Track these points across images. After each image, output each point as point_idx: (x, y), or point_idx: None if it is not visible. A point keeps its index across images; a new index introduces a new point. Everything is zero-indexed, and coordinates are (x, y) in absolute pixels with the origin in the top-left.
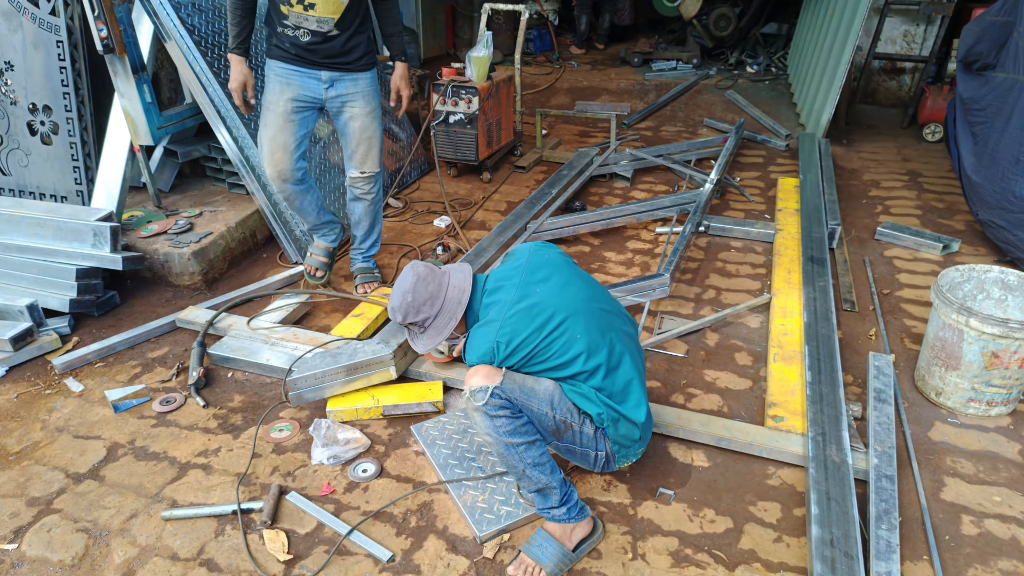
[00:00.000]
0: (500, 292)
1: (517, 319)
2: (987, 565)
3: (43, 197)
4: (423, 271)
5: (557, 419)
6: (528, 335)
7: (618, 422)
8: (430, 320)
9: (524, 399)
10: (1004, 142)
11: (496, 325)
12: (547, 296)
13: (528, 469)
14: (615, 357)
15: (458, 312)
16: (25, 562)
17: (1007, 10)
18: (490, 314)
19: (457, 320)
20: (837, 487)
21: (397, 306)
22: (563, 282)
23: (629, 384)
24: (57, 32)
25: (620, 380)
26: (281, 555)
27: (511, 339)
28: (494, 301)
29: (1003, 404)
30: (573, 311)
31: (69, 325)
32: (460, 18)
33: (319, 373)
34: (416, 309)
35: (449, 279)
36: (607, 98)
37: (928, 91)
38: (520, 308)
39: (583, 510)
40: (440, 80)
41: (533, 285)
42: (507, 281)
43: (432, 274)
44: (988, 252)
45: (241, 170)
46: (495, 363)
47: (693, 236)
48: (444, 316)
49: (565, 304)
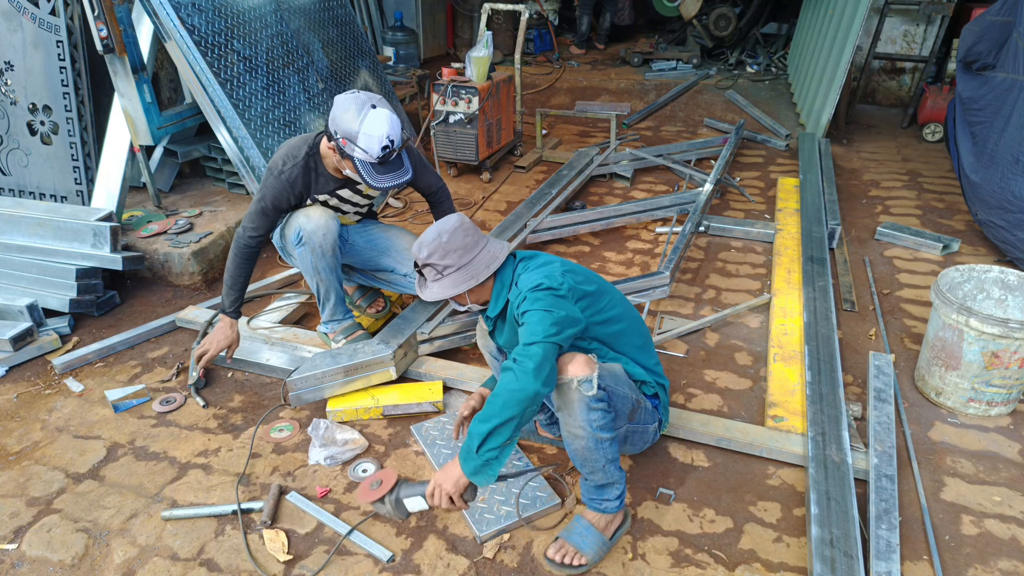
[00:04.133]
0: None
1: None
2: (987, 565)
3: (43, 197)
4: (468, 224)
5: (633, 398)
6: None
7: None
8: (452, 270)
9: (613, 384)
10: (1004, 142)
11: (556, 264)
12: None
13: (608, 464)
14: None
15: (481, 275)
16: (25, 562)
17: (1007, 10)
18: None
19: (477, 281)
20: (837, 487)
21: (427, 241)
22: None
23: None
24: (57, 32)
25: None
26: (281, 555)
27: (573, 279)
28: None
29: (1003, 404)
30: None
31: (69, 325)
32: (460, 18)
33: (319, 374)
34: (444, 251)
35: (487, 244)
36: (607, 98)
37: (928, 91)
38: (570, 267)
39: (620, 503)
40: (440, 80)
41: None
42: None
43: (475, 231)
44: (988, 252)
45: (241, 170)
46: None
47: (693, 236)
48: (466, 272)
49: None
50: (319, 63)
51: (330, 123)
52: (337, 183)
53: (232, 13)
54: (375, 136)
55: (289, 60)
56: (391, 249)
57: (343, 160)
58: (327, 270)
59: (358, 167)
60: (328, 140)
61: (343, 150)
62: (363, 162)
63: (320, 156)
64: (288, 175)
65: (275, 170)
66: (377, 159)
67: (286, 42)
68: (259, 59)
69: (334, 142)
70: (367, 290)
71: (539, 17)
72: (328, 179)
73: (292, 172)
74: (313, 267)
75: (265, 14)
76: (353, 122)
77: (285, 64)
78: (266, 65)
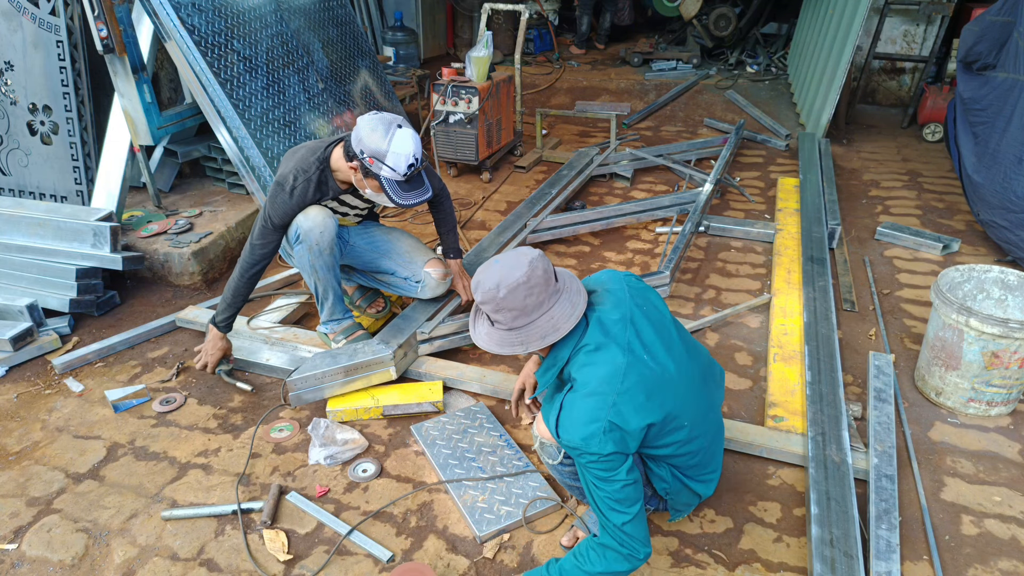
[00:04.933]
0: (603, 351)
1: (633, 397)
2: (987, 565)
3: (43, 197)
4: (536, 278)
5: None
6: (640, 427)
7: (681, 492)
8: (502, 327)
9: None
10: (1005, 142)
11: (609, 400)
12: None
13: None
14: (706, 439)
15: (532, 345)
16: (25, 562)
17: (1007, 10)
18: (591, 380)
19: (525, 350)
20: (837, 487)
21: (485, 287)
22: (668, 342)
23: (711, 463)
24: (57, 32)
25: (703, 460)
26: (281, 555)
27: (625, 427)
28: (593, 361)
29: (1003, 404)
30: (685, 393)
31: (69, 325)
32: (460, 18)
33: (319, 374)
34: (497, 306)
35: (554, 306)
36: (607, 98)
37: (928, 91)
38: (634, 382)
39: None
40: (440, 80)
41: (644, 352)
42: (610, 338)
43: (542, 288)
44: (988, 252)
45: (241, 170)
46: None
47: (693, 236)
48: (518, 335)
49: (679, 387)
50: (319, 63)
51: (355, 143)
52: (342, 190)
53: (232, 13)
54: (402, 155)
55: (289, 60)
56: (392, 252)
57: (367, 178)
58: (325, 269)
59: (384, 185)
60: (348, 159)
61: (369, 169)
62: (389, 180)
63: (331, 169)
64: (300, 192)
65: (286, 186)
66: (404, 177)
67: (286, 42)
68: (259, 59)
69: (358, 161)
70: (367, 290)
71: (539, 17)
72: (335, 188)
73: (304, 188)
74: (311, 265)
75: (265, 14)
76: (382, 142)
77: (285, 64)
78: (266, 65)
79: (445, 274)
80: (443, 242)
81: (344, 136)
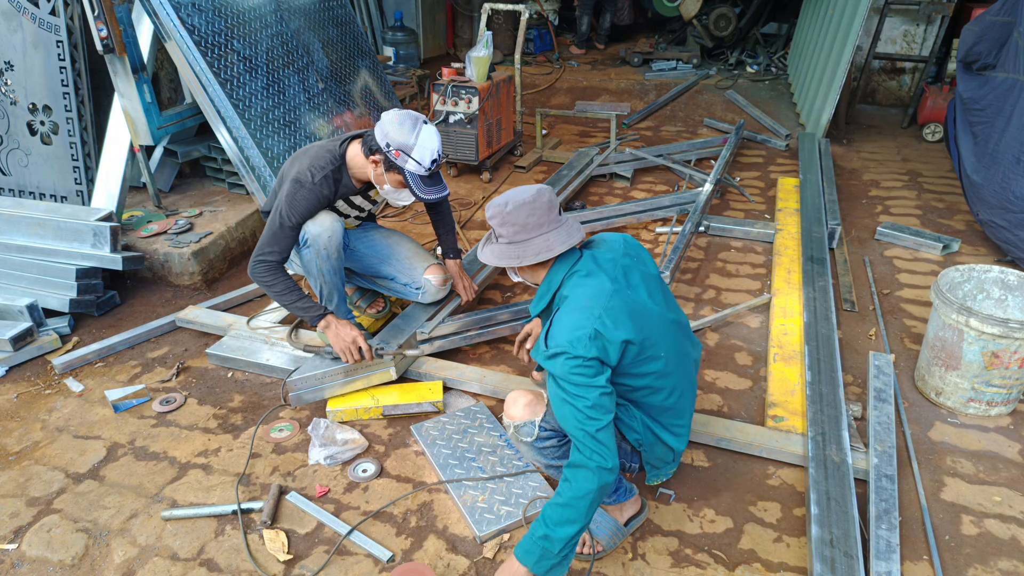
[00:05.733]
0: (594, 277)
1: (616, 315)
2: (987, 565)
3: (43, 197)
4: (543, 202)
5: None
6: (622, 340)
7: (655, 446)
8: (503, 241)
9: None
10: (1005, 142)
11: (595, 312)
12: (641, 303)
13: None
14: (680, 384)
15: (525, 260)
16: (25, 562)
17: (1007, 10)
18: (580, 297)
19: (520, 263)
20: (837, 487)
21: (496, 203)
22: (653, 290)
23: (682, 412)
24: (57, 32)
25: (676, 407)
26: (281, 555)
27: (608, 336)
28: (586, 284)
29: (1003, 404)
30: (662, 329)
31: (69, 325)
32: (460, 18)
33: (319, 374)
34: (502, 220)
35: (553, 230)
36: (607, 98)
37: (928, 91)
38: (618, 304)
39: (630, 491)
40: (440, 80)
41: (628, 288)
42: (601, 267)
43: (546, 212)
44: (988, 252)
45: (241, 170)
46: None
47: (693, 236)
48: (515, 250)
49: (656, 321)
50: (319, 63)
51: (380, 136)
52: (354, 190)
53: (232, 13)
54: (428, 149)
55: (289, 60)
56: (392, 257)
57: (389, 172)
58: (331, 272)
59: (408, 178)
60: (370, 152)
61: (394, 162)
62: (413, 174)
63: (347, 166)
64: (319, 187)
65: (305, 183)
66: (427, 171)
67: (286, 42)
68: (259, 59)
69: (382, 154)
70: (366, 290)
71: (539, 17)
72: (348, 187)
73: (323, 183)
74: (318, 268)
75: (265, 14)
76: (409, 136)
77: (285, 64)
78: (266, 65)
79: (445, 280)
80: (442, 243)
81: (358, 134)
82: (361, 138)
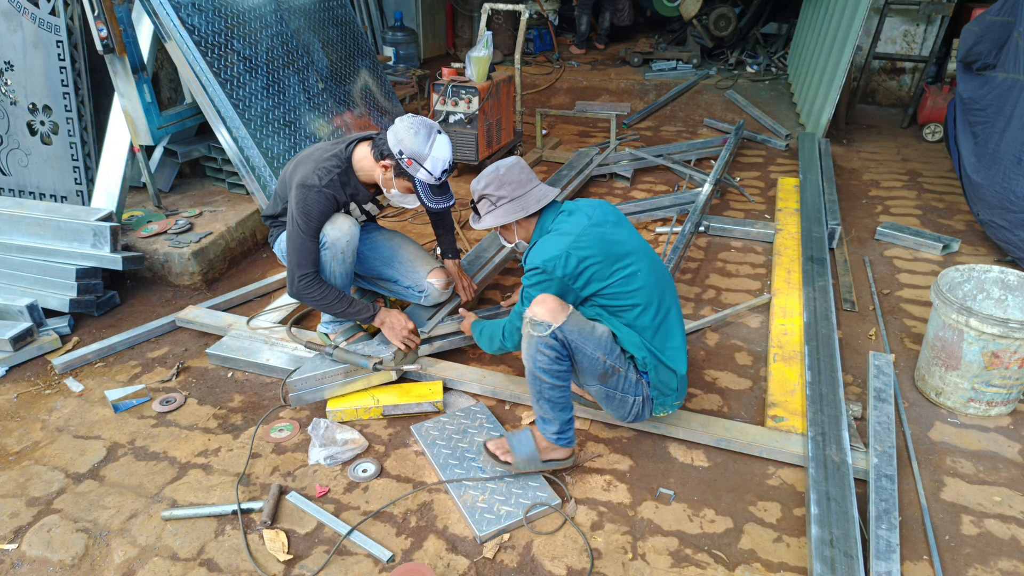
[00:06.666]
0: (575, 216)
1: (591, 238)
2: (987, 565)
3: (43, 197)
4: (524, 164)
5: (608, 364)
6: (599, 260)
7: (659, 368)
8: (505, 201)
9: (581, 342)
10: (1005, 142)
11: (571, 237)
12: (621, 232)
13: (543, 401)
14: (665, 305)
15: (531, 207)
16: (25, 562)
17: (1007, 10)
18: (561, 228)
19: (527, 212)
20: (837, 487)
21: (485, 174)
22: (632, 230)
23: (672, 333)
24: (57, 32)
25: (665, 328)
26: (281, 555)
27: (582, 255)
28: (567, 221)
29: (1003, 404)
30: (642, 251)
31: (69, 325)
32: (460, 18)
33: (319, 374)
34: (500, 183)
35: (537, 185)
36: (607, 98)
37: (928, 91)
38: (596, 230)
39: (570, 442)
40: (440, 80)
41: (607, 223)
42: (581, 210)
43: (530, 171)
44: (988, 252)
45: (241, 170)
46: (559, 272)
47: (693, 236)
48: (519, 203)
49: (636, 244)
50: (319, 63)
51: (393, 143)
52: (366, 195)
53: (232, 13)
54: (440, 159)
55: (289, 60)
56: (395, 260)
57: (398, 178)
58: (343, 275)
59: (417, 186)
60: (380, 157)
61: (405, 169)
62: (423, 183)
63: (353, 168)
64: (329, 188)
65: (313, 186)
66: (437, 181)
67: (286, 42)
68: (259, 59)
69: (394, 160)
70: (366, 291)
71: (539, 17)
72: (358, 189)
73: (333, 186)
74: (331, 271)
75: (265, 14)
76: (423, 145)
77: (285, 64)
78: (266, 65)
79: (448, 283)
80: (441, 243)
81: (364, 136)
82: (368, 140)
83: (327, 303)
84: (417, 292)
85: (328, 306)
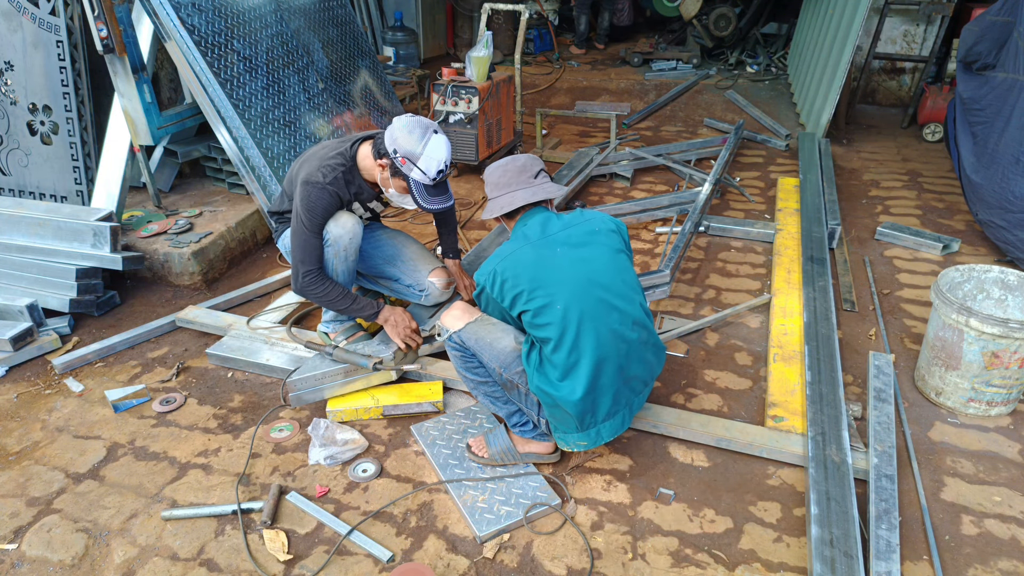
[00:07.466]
0: (526, 228)
1: (519, 259)
2: (987, 565)
3: (43, 197)
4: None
5: (504, 377)
6: (522, 283)
7: (554, 408)
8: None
9: (479, 349)
10: (1004, 142)
11: (501, 258)
12: (557, 259)
13: (481, 396)
14: (578, 347)
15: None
16: (25, 562)
17: (1007, 10)
18: (512, 241)
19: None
20: (837, 487)
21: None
22: (587, 257)
23: (576, 375)
24: (57, 32)
25: (571, 368)
26: (281, 555)
27: (506, 275)
28: (517, 233)
29: (1003, 404)
30: (566, 287)
31: (69, 325)
32: (460, 18)
33: (319, 374)
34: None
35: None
36: (607, 98)
37: (928, 91)
38: (530, 251)
39: (542, 436)
40: (440, 80)
41: (558, 244)
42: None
43: (517, 175)
44: (988, 252)
45: (241, 170)
46: (487, 287)
47: (693, 236)
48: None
49: (564, 277)
50: (319, 63)
51: (389, 141)
52: (369, 194)
53: (232, 13)
54: (435, 159)
55: (289, 60)
56: (397, 259)
57: (394, 178)
58: (345, 273)
59: (412, 186)
60: (378, 155)
61: (400, 169)
62: (418, 183)
63: (358, 167)
64: (332, 186)
65: (316, 183)
66: (432, 181)
67: (286, 42)
68: (259, 59)
69: (389, 159)
70: (367, 290)
71: (539, 17)
72: (362, 188)
73: (337, 183)
74: (332, 269)
75: (265, 14)
76: (417, 144)
77: (285, 64)
78: (266, 65)
79: (449, 283)
80: (442, 243)
81: (369, 135)
82: (372, 140)
83: (331, 300)
84: (418, 291)
85: (332, 303)
